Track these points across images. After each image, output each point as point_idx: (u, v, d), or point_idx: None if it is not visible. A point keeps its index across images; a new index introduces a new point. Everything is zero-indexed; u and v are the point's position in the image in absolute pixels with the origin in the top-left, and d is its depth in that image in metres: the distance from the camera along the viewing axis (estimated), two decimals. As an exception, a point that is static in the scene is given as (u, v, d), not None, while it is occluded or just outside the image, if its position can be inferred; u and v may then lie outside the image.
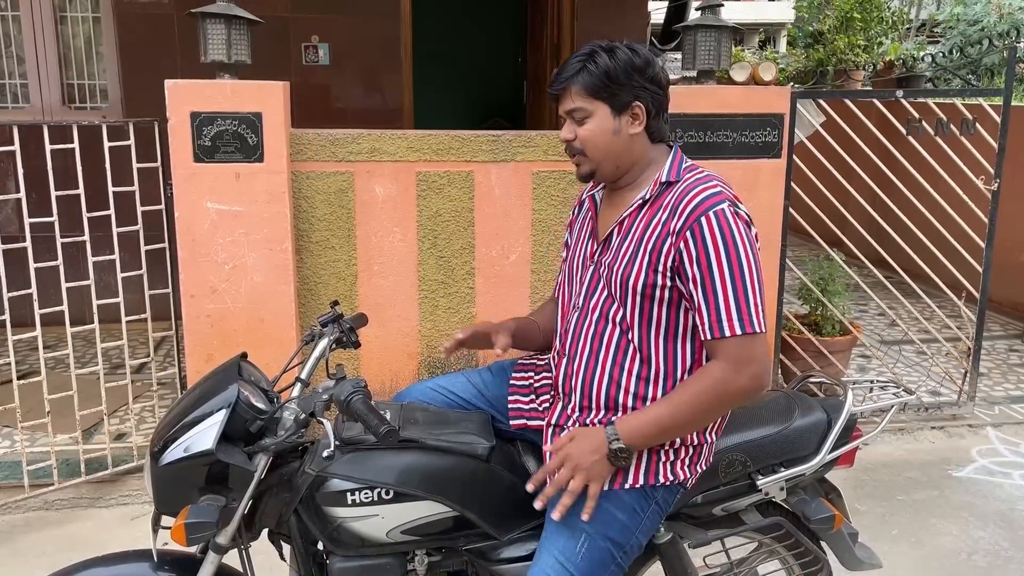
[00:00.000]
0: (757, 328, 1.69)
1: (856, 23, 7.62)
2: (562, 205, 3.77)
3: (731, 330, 1.69)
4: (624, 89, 1.78)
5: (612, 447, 1.71)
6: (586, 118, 1.81)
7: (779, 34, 20.45)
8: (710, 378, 1.71)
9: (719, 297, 1.69)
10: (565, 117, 1.85)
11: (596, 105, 1.79)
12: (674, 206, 1.75)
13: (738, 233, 1.70)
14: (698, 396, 1.71)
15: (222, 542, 1.76)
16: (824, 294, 4.41)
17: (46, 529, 3.31)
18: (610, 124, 1.80)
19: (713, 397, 1.71)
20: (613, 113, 1.80)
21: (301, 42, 5.77)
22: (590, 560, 1.76)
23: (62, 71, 5.37)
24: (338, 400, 1.68)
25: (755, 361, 1.70)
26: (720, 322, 1.69)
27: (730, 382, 1.69)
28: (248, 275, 3.42)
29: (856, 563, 2.14)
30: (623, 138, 1.82)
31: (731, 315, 1.68)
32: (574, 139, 1.83)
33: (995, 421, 4.36)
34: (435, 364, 3.81)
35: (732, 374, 1.69)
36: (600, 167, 1.84)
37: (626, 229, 1.82)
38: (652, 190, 1.81)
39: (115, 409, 3.97)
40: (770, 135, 3.82)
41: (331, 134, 3.54)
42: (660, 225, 1.75)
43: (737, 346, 1.69)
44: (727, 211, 1.70)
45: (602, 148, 1.82)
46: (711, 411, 1.75)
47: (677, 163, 1.84)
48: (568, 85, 1.80)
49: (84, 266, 3.42)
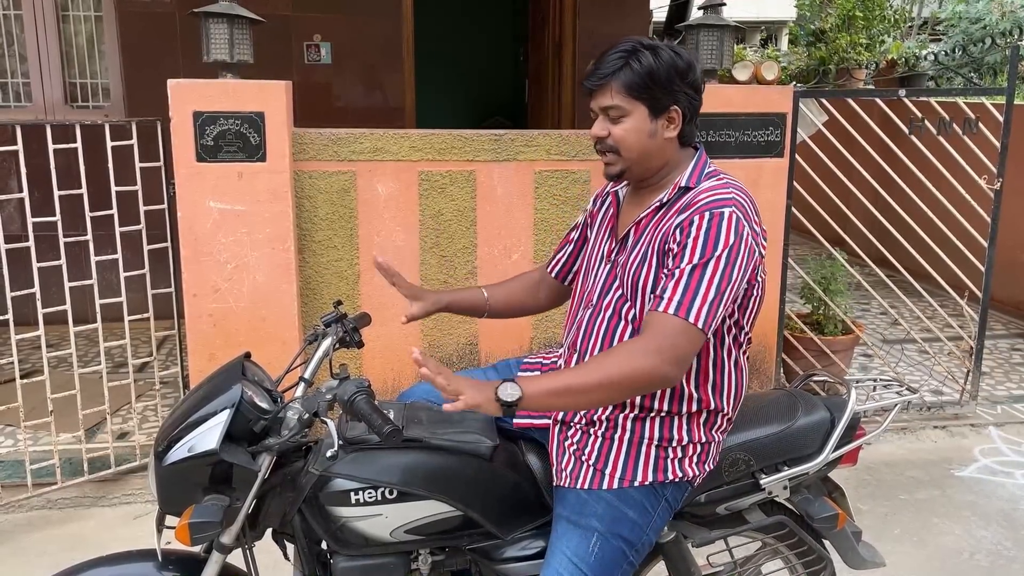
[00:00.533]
0: (692, 319, 1.62)
1: (858, 21, 7.61)
2: (564, 204, 3.77)
3: (665, 307, 1.63)
4: (665, 92, 1.75)
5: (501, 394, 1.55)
6: (623, 117, 1.76)
7: (780, 32, 20.42)
8: (624, 349, 1.65)
9: (673, 277, 1.65)
10: (598, 112, 1.80)
11: (635, 105, 1.75)
12: (683, 208, 1.75)
13: (725, 235, 1.66)
14: (606, 365, 1.62)
15: (226, 542, 1.76)
16: (826, 293, 4.41)
17: (49, 528, 3.31)
18: (647, 126, 1.77)
19: (620, 370, 1.60)
20: (651, 115, 1.76)
21: (303, 41, 5.77)
22: (603, 559, 1.76)
23: (64, 70, 5.37)
24: (342, 400, 1.68)
25: (675, 350, 1.61)
26: (661, 297, 1.65)
27: (640, 358, 1.60)
28: (250, 274, 3.42)
29: (859, 562, 2.14)
30: (657, 141, 1.79)
31: (674, 295, 1.63)
32: (607, 136, 1.79)
33: (997, 420, 4.36)
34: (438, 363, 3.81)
35: (645, 350, 1.60)
36: (631, 168, 1.82)
37: (641, 230, 1.82)
38: (671, 193, 1.80)
39: (117, 408, 3.98)
40: (772, 134, 3.82)
41: (333, 133, 3.54)
42: (665, 226, 1.75)
43: (664, 325, 1.61)
44: (725, 215, 1.68)
45: (636, 149, 1.78)
46: (613, 385, 1.61)
47: (699, 168, 1.82)
48: (608, 81, 1.74)
49: (87, 265, 3.42)
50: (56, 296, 3.36)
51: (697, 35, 3.73)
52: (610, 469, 1.81)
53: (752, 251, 1.71)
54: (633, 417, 1.83)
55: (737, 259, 1.66)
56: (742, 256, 1.67)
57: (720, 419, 1.87)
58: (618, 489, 1.79)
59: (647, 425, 1.82)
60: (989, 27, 9.98)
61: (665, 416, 1.82)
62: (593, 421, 1.86)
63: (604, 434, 1.84)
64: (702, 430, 1.84)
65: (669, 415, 1.82)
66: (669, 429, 1.82)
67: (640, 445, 1.82)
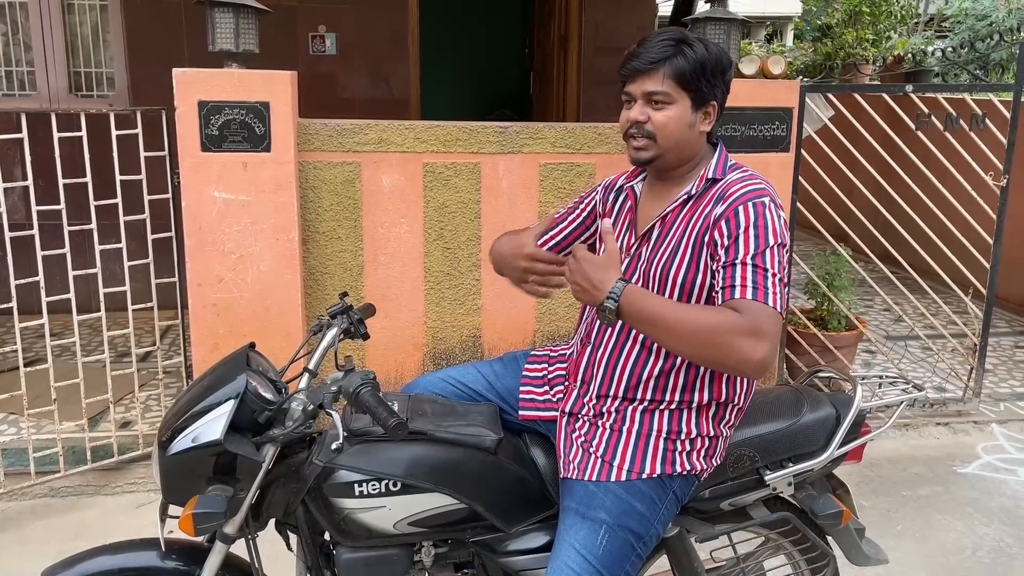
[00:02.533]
0: (771, 303, 1.62)
1: (864, 17, 7.56)
2: (569, 197, 3.76)
3: (743, 294, 1.62)
4: (709, 86, 1.77)
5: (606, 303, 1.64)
6: (668, 104, 1.76)
7: (786, 28, 20.35)
8: (721, 318, 1.60)
9: (738, 268, 1.65)
10: (637, 97, 1.78)
11: (681, 94, 1.75)
12: (718, 199, 1.75)
13: (771, 222, 1.69)
14: (703, 325, 1.60)
15: (229, 532, 1.77)
16: (830, 289, 4.40)
17: (52, 517, 3.32)
18: (688, 116, 1.78)
19: (710, 335, 1.59)
20: (693, 107, 1.77)
21: (308, 32, 5.76)
22: (611, 551, 1.76)
23: (69, 59, 5.36)
24: (347, 392, 1.68)
25: (767, 335, 1.58)
26: (734, 288, 1.63)
27: (736, 336, 1.57)
28: (255, 264, 3.42)
29: (863, 559, 2.14)
30: (694, 133, 1.80)
31: (746, 283, 1.63)
32: (646, 122, 1.78)
33: (1001, 418, 4.35)
34: (440, 355, 3.81)
35: (744, 331, 1.57)
36: (664, 155, 1.81)
37: (669, 223, 1.82)
38: (698, 185, 1.80)
39: (121, 397, 3.98)
40: (779, 129, 3.81)
41: (338, 124, 3.54)
42: (703, 218, 1.75)
43: (753, 310, 1.59)
44: (767, 204, 1.71)
45: (674, 138, 1.78)
46: (702, 347, 1.60)
47: (723, 160, 1.84)
48: (659, 67, 1.74)
49: (91, 254, 3.41)
50: (60, 285, 3.36)
51: (703, 28, 3.70)
52: (618, 461, 1.81)
53: (788, 241, 1.74)
54: (642, 409, 1.83)
55: (786, 248, 1.71)
56: (787, 245, 1.72)
57: (729, 413, 1.87)
58: (626, 481, 1.79)
59: (656, 417, 1.82)
60: (995, 24, 9.95)
61: (674, 409, 1.82)
62: (601, 413, 1.86)
63: (612, 426, 1.84)
64: (710, 424, 1.84)
65: (679, 408, 1.82)
66: (678, 422, 1.82)
67: (648, 437, 1.82)
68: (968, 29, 10.34)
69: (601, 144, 3.76)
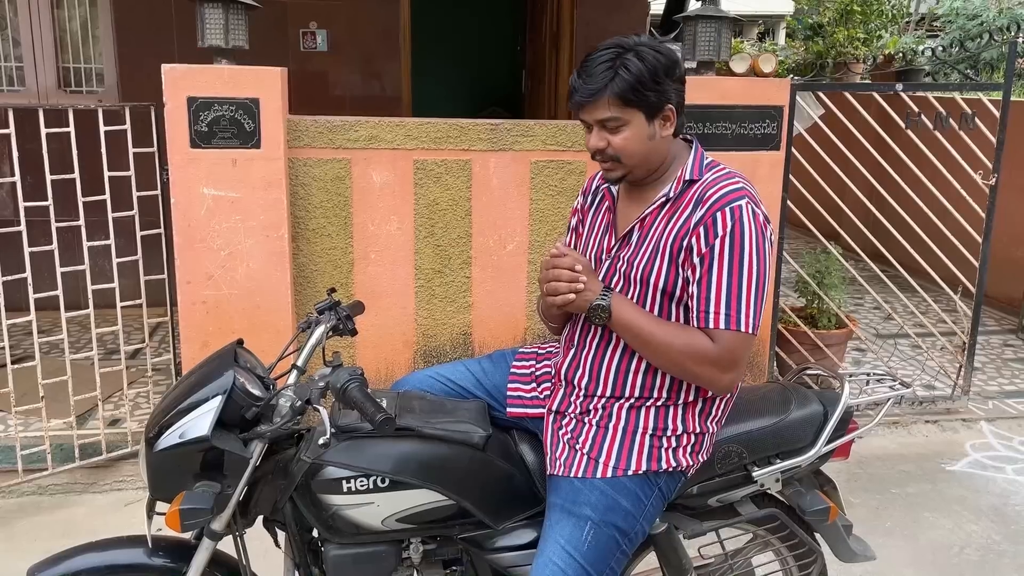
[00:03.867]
0: (743, 327, 1.68)
1: (856, 16, 7.61)
2: (560, 195, 3.76)
3: (716, 322, 1.69)
4: (657, 93, 1.72)
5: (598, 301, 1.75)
6: (621, 127, 1.74)
7: (778, 26, 20.40)
8: (696, 343, 1.71)
9: (712, 289, 1.69)
10: (592, 124, 1.77)
11: (631, 113, 1.72)
12: (696, 202, 1.75)
13: (748, 230, 1.69)
14: (676, 342, 1.72)
15: (217, 528, 1.76)
16: (820, 287, 4.41)
17: (39, 514, 3.30)
18: (645, 131, 1.75)
19: (683, 356, 1.71)
20: (647, 119, 1.74)
21: (299, 28, 5.73)
22: (596, 548, 1.77)
23: (58, 54, 5.33)
24: (335, 388, 1.68)
25: (735, 365, 1.71)
26: (707, 314, 1.69)
27: (706, 363, 1.70)
28: (244, 262, 3.41)
29: (850, 555, 2.15)
30: (657, 142, 1.78)
31: (719, 308, 1.68)
32: (607, 147, 1.76)
33: (989, 415, 4.37)
34: (431, 353, 3.81)
35: (712, 360, 1.70)
36: (633, 171, 1.81)
37: (647, 226, 1.81)
38: (676, 188, 1.80)
39: (109, 395, 3.96)
40: (769, 127, 3.81)
41: (328, 121, 3.53)
42: (682, 221, 1.75)
43: (725, 341, 1.69)
44: (744, 207, 1.70)
45: (638, 155, 1.77)
46: (672, 363, 1.74)
47: (699, 160, 1.83)
48: (601, 95, 1.70)
49: (79, 251, 3.40)
50: (48, 281, 3.34)
51: (695, 26, 3.71)
52: (604, 458, 1.81)
53: (769, 241, 1.74)
54: (628, 406, 1.83)
55: (765, 254, 1.72)
56: (765, 245, 1.72)
57: (715, 408, 1.88)
58: (612, 478, 1.79)
59: (642, 414, 1.82)
60: (986, 23, 9.99)
61: (660, 406, 1.82)
62: (588, 410, 1.86)
63: (599, 423, 1.84)
64: (697, 420, 1.85)
65: (665, 404, 1.82)
66: (664, 419, 1.82)
67: (635, 434, 1.82)
68: (959, 28, 10.38)
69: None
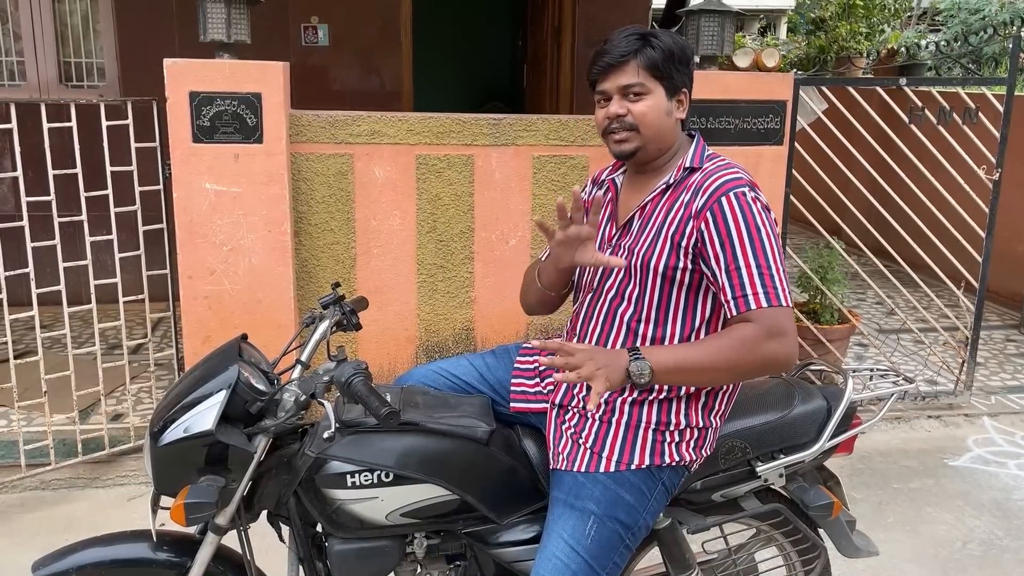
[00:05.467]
0: (783, 302, 1.69)
1: (858, 10, 7.59)
2: (562, 190, 3.75)
3: (757, 303, 1.68)
4: (679, 74, 1.82)
5: (633, 358, 1.62)
6: (645, 95, 1.80)
7: (779, 21, 20.35)
8: (738, 336, 1.68)
9: (743, 273, 1.69)
10: (612, 93, 1.82)
11: (655, 84, 1.80)
12: (696, 189, 1.78)
13: (757, 213, 1.72)
14: (723, 348, 1.67)
15: (221, 523, 1.76)
16: (823, 282, 4.41)
17: (42, 509, 3.31)
18: (665, 104, 1.82)
19: (738, 354, 1.66)
20: (668, 95, 1.82)
21: (300, 23, 5.73)
22: (600, 542, 1.76)
23: (59, 49, 5.32)
24: (339, 382, 1.68)
25: (787, 332, 1.68)
26: (746, 297, 1.69)
27: (759, 344, 1.66)
28: (246, 257, 3.40)
29: (853, 551, 2.15)
30: (671, 121, 1.85)
31: (756, 289, 1.68)
32: (626, 114, 1.81)
33: (991, 411, 4.37)
34: (433, 348, 3.81)
35: (763, 337, 1.66)
36: (647, 146, 1.84)
37: (648, 213, 1.84)
38: (676, 175, 1.83)
39: (112, 390, 3.96)
40: (772, 122, 3.80)
41: (331, 116, 3.52)
42: (683, 207, 1.77)
43: (767, 316, 1.67)
44: (747, 193, 1.73)
45: (655, 127, 1.82)
46: (733, 367, 1.68)
47: (700, 150, 1.87)
48: (630, 60, 1.78)
49: (81, 246, 3.40)
50: (50, 276, 3.34)
51: (698, 21, 3.70)
52: (607, 452, 1.81)
53: (773, 218, 1.77)
54: (631, 401, 1.83)
55: (774, 230, 1.74)
56: (773, 225, 1.75)
57: (719, 403, 1.88)
58: (615, 472, 1.79)
59: (645, 409, 1.82)
60: (988, 17, 9.95)
61: (663, 400, 1.82)
62: None
63: (602, 417, 1.84)
64: (700, 414, 1.85)
65: (668, 399, 1.82)
66: (667, 413, 1.82)
67: (638, 429, 1.82)
68: (961, 23, 10.34)
69: (594, 137, 3.75)
